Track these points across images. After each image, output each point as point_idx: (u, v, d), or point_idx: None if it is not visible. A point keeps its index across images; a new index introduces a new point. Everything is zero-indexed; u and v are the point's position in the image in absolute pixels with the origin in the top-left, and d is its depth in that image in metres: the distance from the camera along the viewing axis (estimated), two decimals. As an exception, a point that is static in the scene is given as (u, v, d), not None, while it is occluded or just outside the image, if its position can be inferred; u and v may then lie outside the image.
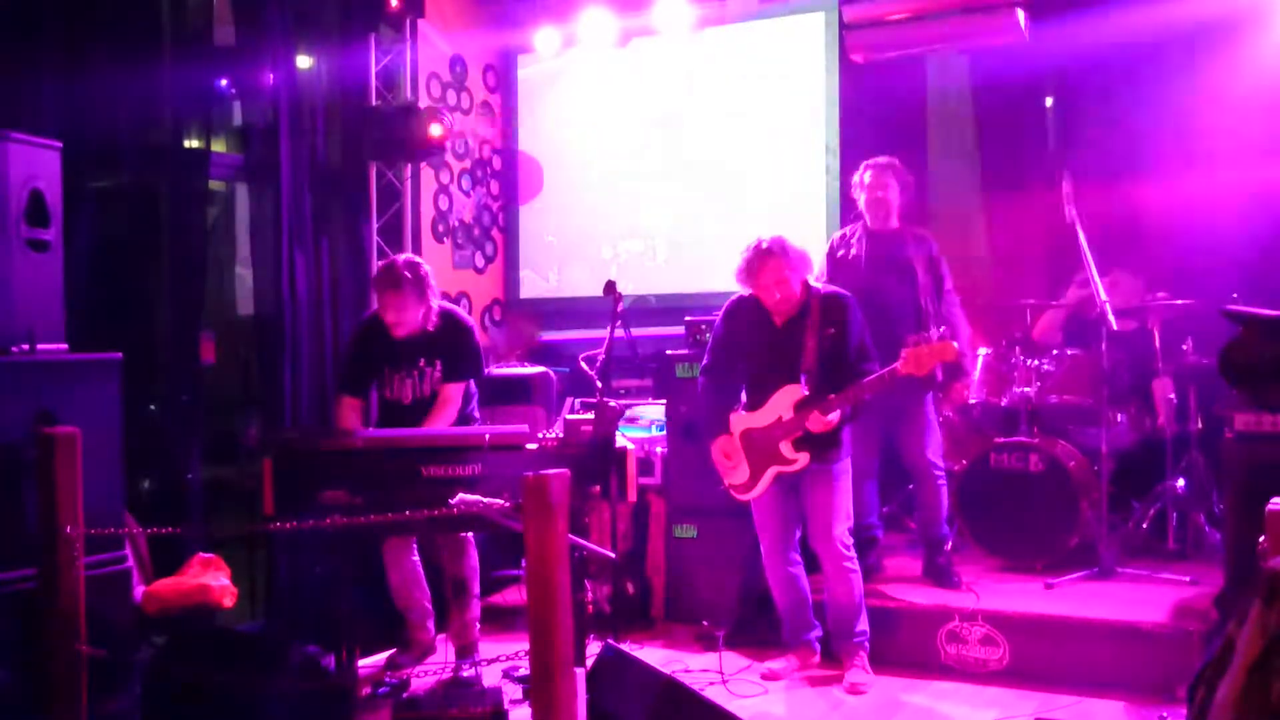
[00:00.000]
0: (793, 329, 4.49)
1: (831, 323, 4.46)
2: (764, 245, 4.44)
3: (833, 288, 4.66)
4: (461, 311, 5.01)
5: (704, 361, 4.78)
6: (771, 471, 4.50)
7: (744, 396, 4.67)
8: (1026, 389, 5.50)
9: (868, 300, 4.85)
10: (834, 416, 4.35)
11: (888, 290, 5.11)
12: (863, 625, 4.61)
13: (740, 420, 4.58)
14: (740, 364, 4.66)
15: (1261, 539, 2.51)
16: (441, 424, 4.71)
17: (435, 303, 4.79)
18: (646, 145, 7.27)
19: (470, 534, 4.79)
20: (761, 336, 4.56)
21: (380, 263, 4.94)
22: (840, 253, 5.30)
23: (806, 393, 4.41)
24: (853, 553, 4.56)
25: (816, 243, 6.20)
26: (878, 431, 5.17)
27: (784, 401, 4.45)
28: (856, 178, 5.31)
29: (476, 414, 4.98)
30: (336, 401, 4.92)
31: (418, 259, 4.85)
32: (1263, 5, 5.61)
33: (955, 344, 4.45)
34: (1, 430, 3.47)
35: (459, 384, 4.82)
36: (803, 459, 4.44)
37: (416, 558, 4.88)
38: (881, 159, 5.28)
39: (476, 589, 4.89)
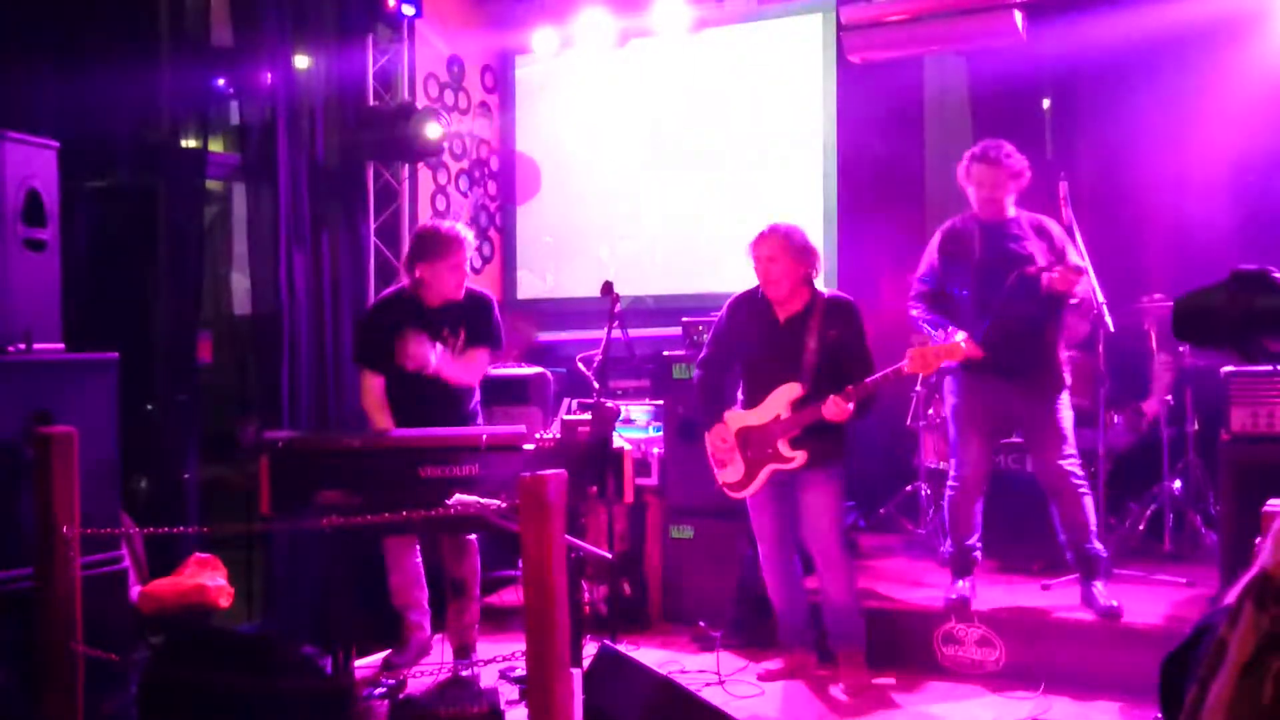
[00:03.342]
0: (795, 328, 4.49)
1: (834, 325, 4.45)
2: (774, 225, 4.50)
3: (839, 293, 4.64)
4: (480, 289, 5.01)
5: (701, 354, 4.78)
6: (767, 470, 4.49)
7: (740, 394, 4.67)
8: (1023, 390, 5.49)
9: (983, 299, 4.62)
10: (852, 406, 4.29)
11: (1003, 289, 4.61)
12: (859, 625, 4.60)
13: (736, 418, 4.57)
14: (739, 359, 4.66)
15: (1257, 540, 2.51)
16: (464, 372, 4.70)
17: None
18: (644, 146, 7.27)
19: (474, 537, 4.78)
20: (763, 332, 4.55)
21: (425, 228, 4.86)
22: (951, 247, 4.86)
23: (804, 392, 4.41)
24: (847, 553, 4.56)
25: (813, 242, 6.20)
26: (988, 445, 4.85)
27: (781, 399, 4.45)
28: (962, 169, 4.81)
29: (479, 410, 4.96)
30: (361, 379, 4.83)
31: (454, 223, 4.82)
32: (1260, 7, 5.61)
33: (961, 340, 4.33)
34: (-2, 430, 3.48)
35: (486, 349, 4.81)
36: (800, 457, 4.42)
37: (419, 559, 4.87)
38: (992, 150, 4.72)
39: (477, 591, 4.89)
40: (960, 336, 4.39)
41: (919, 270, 4.96)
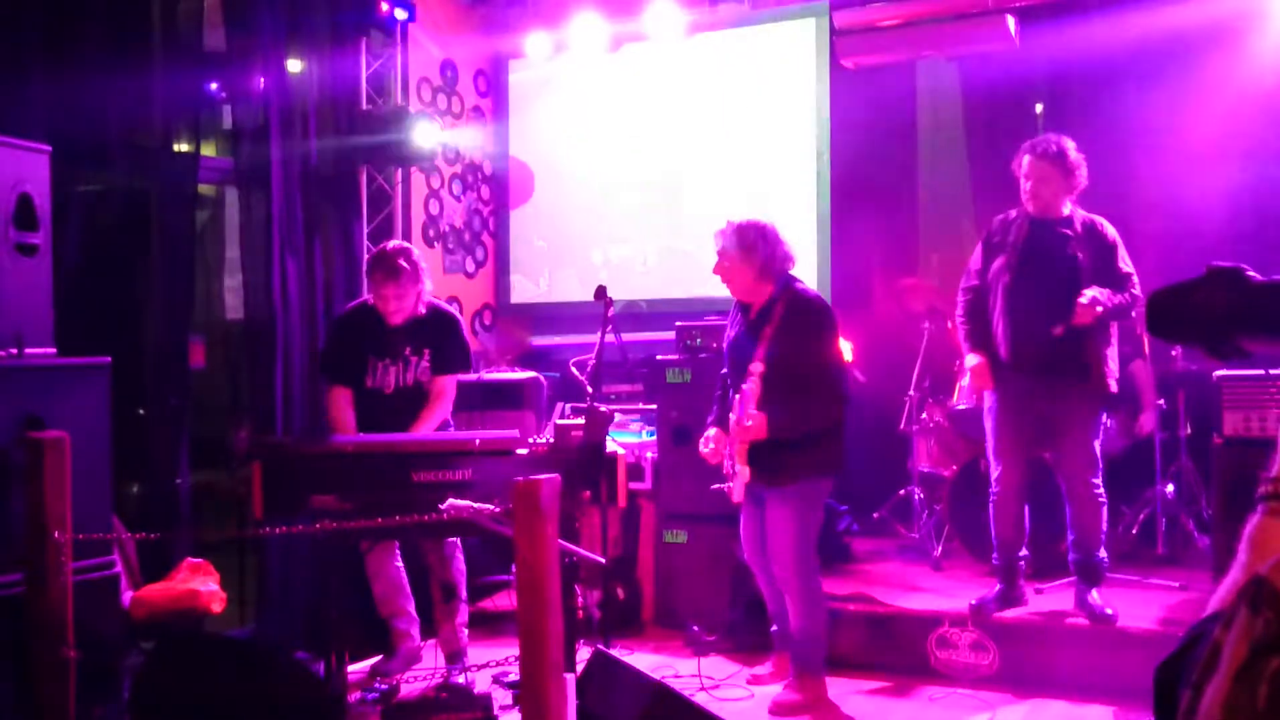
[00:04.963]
0: (756, 329, 4.28)
1: (791, 328, 4.20)
2: (730, 221, 4.33)
3: (805, 293, 4.35)
4: (446, 305, 5.01)
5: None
6: (738, 480, 4.28)
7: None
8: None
9: (1016, 295, 4.55)
10: (751, 424, 4.09)
11: (1040, 287, 4.55)
12: (815, 652, 4.34)
13: (729, 422, 4.47)
14: None
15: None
16: (435, 418, 4.72)
17: (428, 285, 4.80)
18: (637, 150, 7.26)
19: (457, 538, 4.78)
20: (736, 333, 4.43)
21: (372, 251, 4.93)
22: (996, 239, 4.75)
23: (749, 402, 4.18)
24: (803, 577, 4.27)
25: (806, 247, 6.21)
26: (1023, 451, 4.76)
27: (739, 409, 4.25)
28: (1015, 160, 4.71)
29: (450, 419, 4.94)
30: (327, 393, 4.89)
31: (407, 245, 4.84)
32: (1250, 12, 5.63)
33: (750, 421, 4.08)
34: (-11, 435, 3.46)
35: (451, 377, 4.82)
36: (745, 473, 4.20)
37: (400, 564, 4.87)
38: (1042, 145, 4.62)
39: (464, 593, 4.88)
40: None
41: (969, 262, 4.89)
